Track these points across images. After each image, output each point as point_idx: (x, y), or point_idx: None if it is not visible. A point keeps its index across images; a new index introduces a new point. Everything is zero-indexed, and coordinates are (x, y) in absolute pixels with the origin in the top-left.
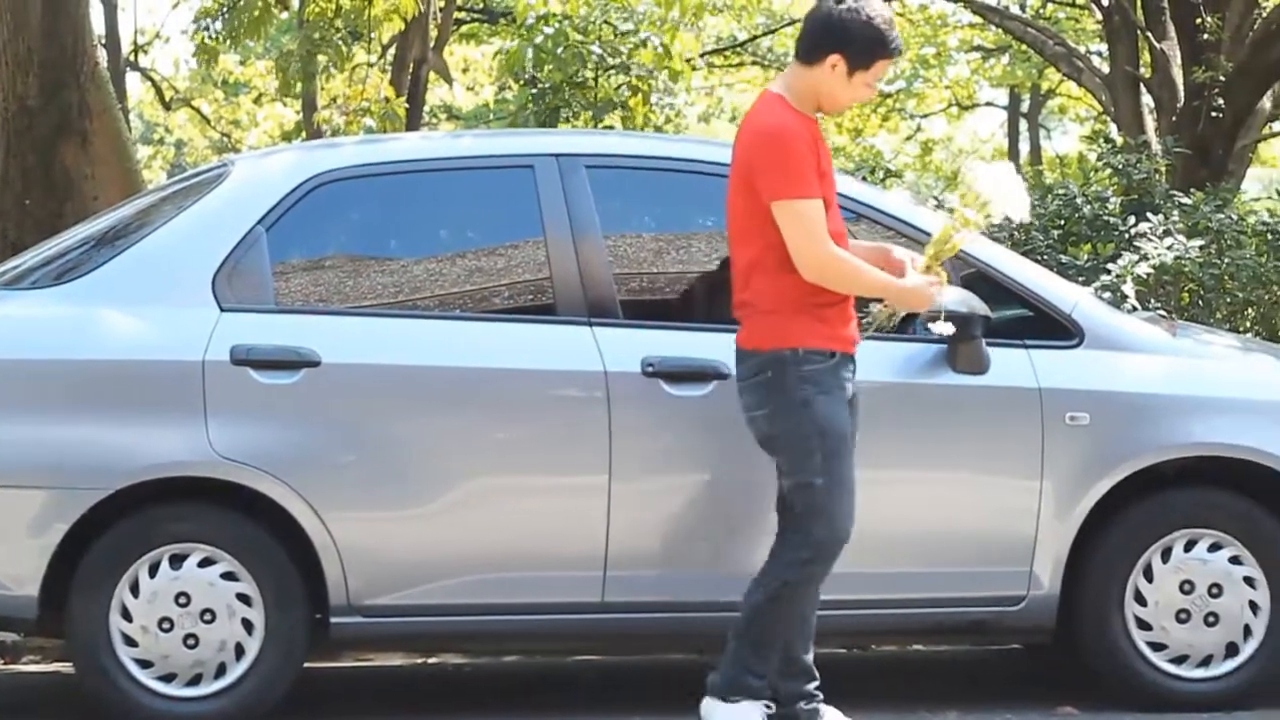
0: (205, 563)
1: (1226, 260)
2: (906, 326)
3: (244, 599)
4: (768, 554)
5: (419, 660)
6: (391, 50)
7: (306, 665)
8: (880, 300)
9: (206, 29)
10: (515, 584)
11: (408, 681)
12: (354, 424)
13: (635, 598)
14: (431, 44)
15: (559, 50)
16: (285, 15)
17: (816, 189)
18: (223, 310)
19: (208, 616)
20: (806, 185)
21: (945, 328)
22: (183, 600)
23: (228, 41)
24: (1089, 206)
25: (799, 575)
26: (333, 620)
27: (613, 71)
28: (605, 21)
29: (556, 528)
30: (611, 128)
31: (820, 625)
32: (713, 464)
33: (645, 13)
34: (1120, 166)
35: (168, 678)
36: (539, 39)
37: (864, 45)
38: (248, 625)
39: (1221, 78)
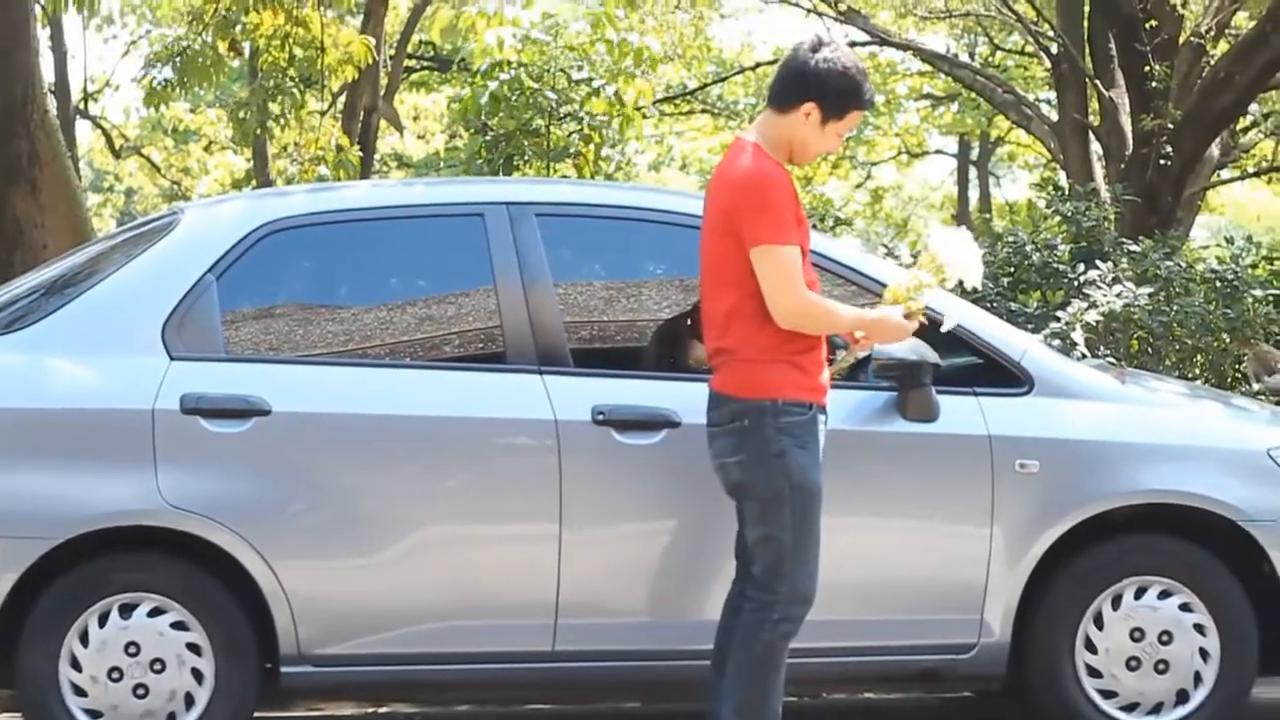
0: (155, 612)
1: (1175, 307)
2: (858, 374)
3: (194, 648)
4: (727, 610)
5: (369, 709)
6: (342, 98)
7: (257, 715)
8: (842, 348)
9: (155, 74)
10: (466, 633)
11: None
12: (304, 473)
13: (586, 646)
14: (382, 92)
15: (513, 97)
16: (237, 63)
17: (796, 236)
18: (172, 359)
19: (157, 666)
20: (788, 232)
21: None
22: (132, 650)
23: (178, 89)
24: (1038, 254)
25: (774, 634)
26: (283, 669)
27: (565, 120)
28: (560, 69)
29: (507, 576)
30: (564, 176)
31: None
32: (663, 512)
33: (598, 60)
34: (1069, 214)
35: None
36: (494, 85)
37: (838, 95)
38: (198, 675)
39: (1170, 126)
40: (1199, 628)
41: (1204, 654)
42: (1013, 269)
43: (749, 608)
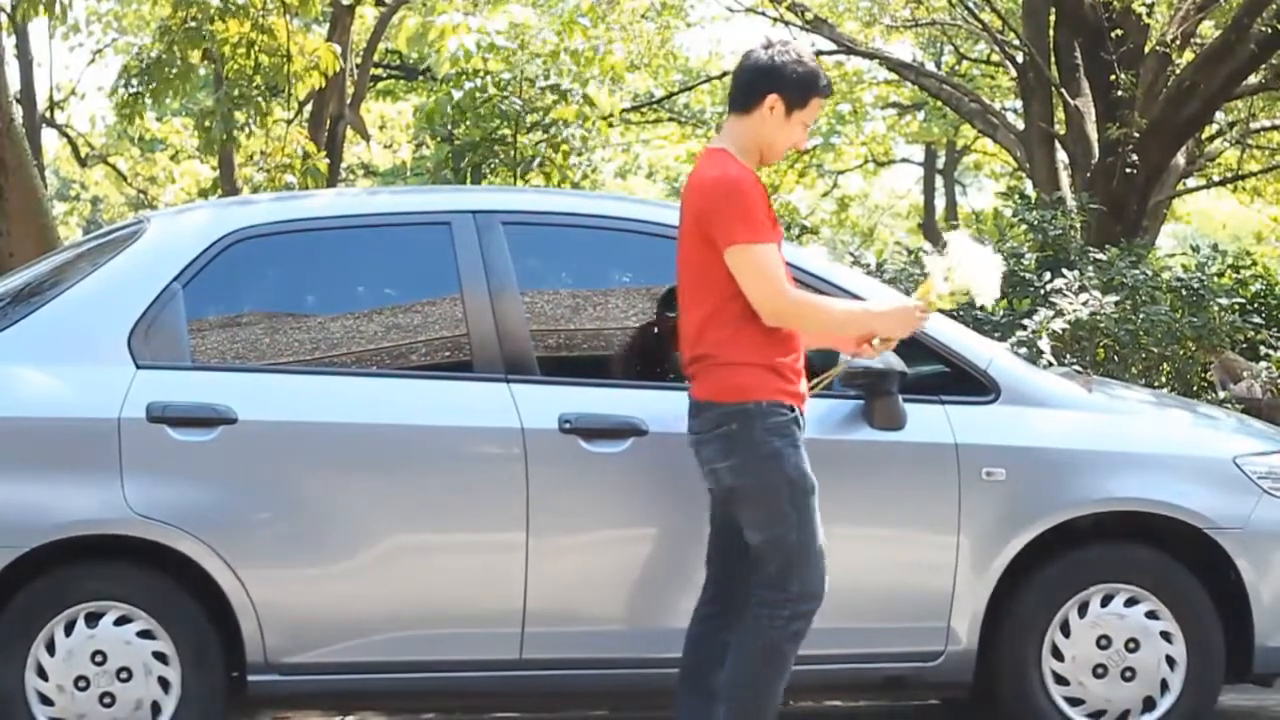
0: (121, 621)
1: (1141, 316)
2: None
3: (160, 657)
4: (697, 619)
5: (336, 718)
6: (308, 107)
7: None
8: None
9: (129, 86)
10: (433, 641)
11: None
12: (271, 481)
13: (553, 654)
14: (348, 101)
15: (480, 106)
16: (203, 71)
17: (770, 234)
18: (139, 367)
19: (124, 675)
20: (761, 231)
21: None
22: (99, 659)
23: (150, 100)
24: (1005, 262)
25: (784, 634)
26: (250, 678)
27: (532, 129)
28: (525, 79)
29: (474, 584)
30: (531, 185)
31: None
32: (630, 520)
33: (565, 69)
34: (1036, 223)
35: None
36: (459, 93)
37: (798, 83)
38: (164, 684)
39: (1135, 134)
40: (1165, 635)
41: (1170, 661)
42: None
43: (759, 612)
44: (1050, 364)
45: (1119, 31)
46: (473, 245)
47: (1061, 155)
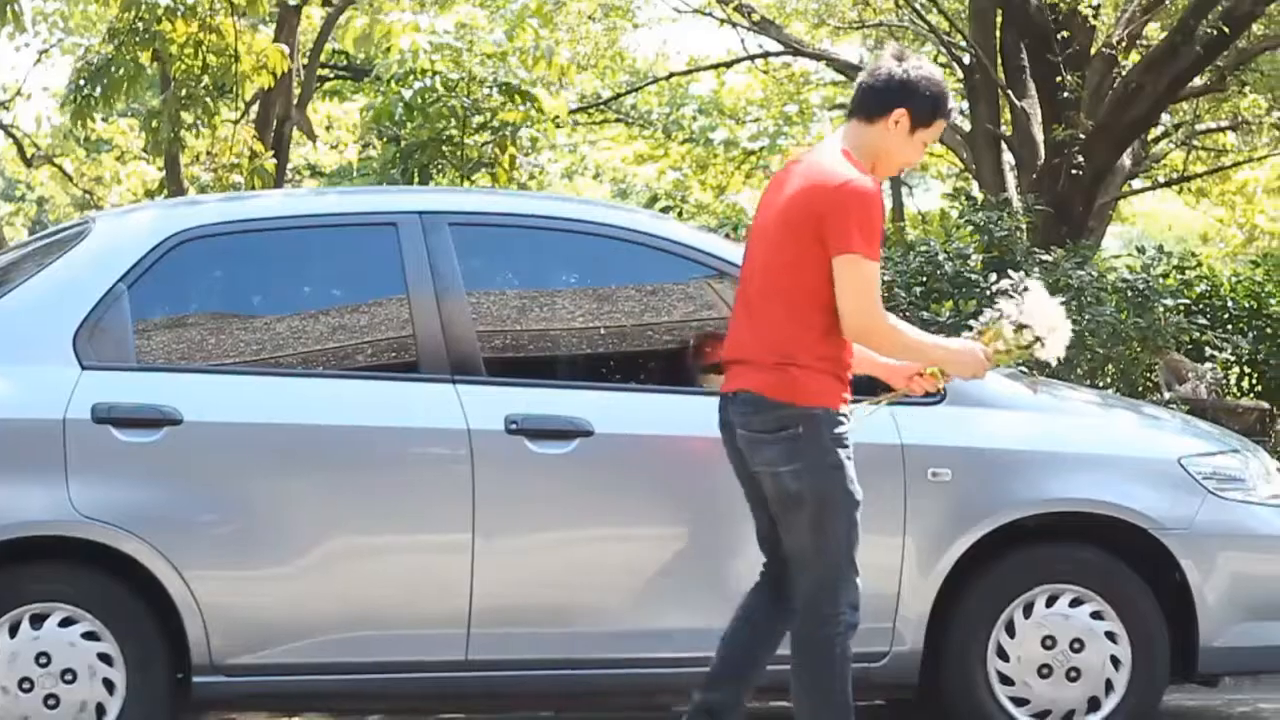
0: (66, 622)
1: (1087, 317)
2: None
3: (105, 659)
4: (750, 619)
5: (282, 719)
6: (255, 107)
7: None
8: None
9: (80, 89)
10: (379, 642)
11: None
12: (216, 482)
13: (499, 656)
14: (295, 101)
15: (428, 106)
16: (150, 71)
17: (880, 254)
18: (84, 368)
19: (69, 677)
20: (877, 247)
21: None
22: (43, 660)
23: (100, 102)
24: (951, 263)
25: (840, 631)
26: (195, 679)
27: (479, 129)
28: (473, 79)
29: (420, 585)
30: (478, 185)
31: (686, 680)
32: (576, 521)
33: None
34: (982, 224)
35: None
36: (408, 93)
37: (928, 102)
38: (109, 685)
39: (1081, 136)
40: (1110, 635)
41: (1115, 661)
42: (925, 278)
43: (809, 618)
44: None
45: (1065, 33)
46: (419, 246)
47: (1008, 157)
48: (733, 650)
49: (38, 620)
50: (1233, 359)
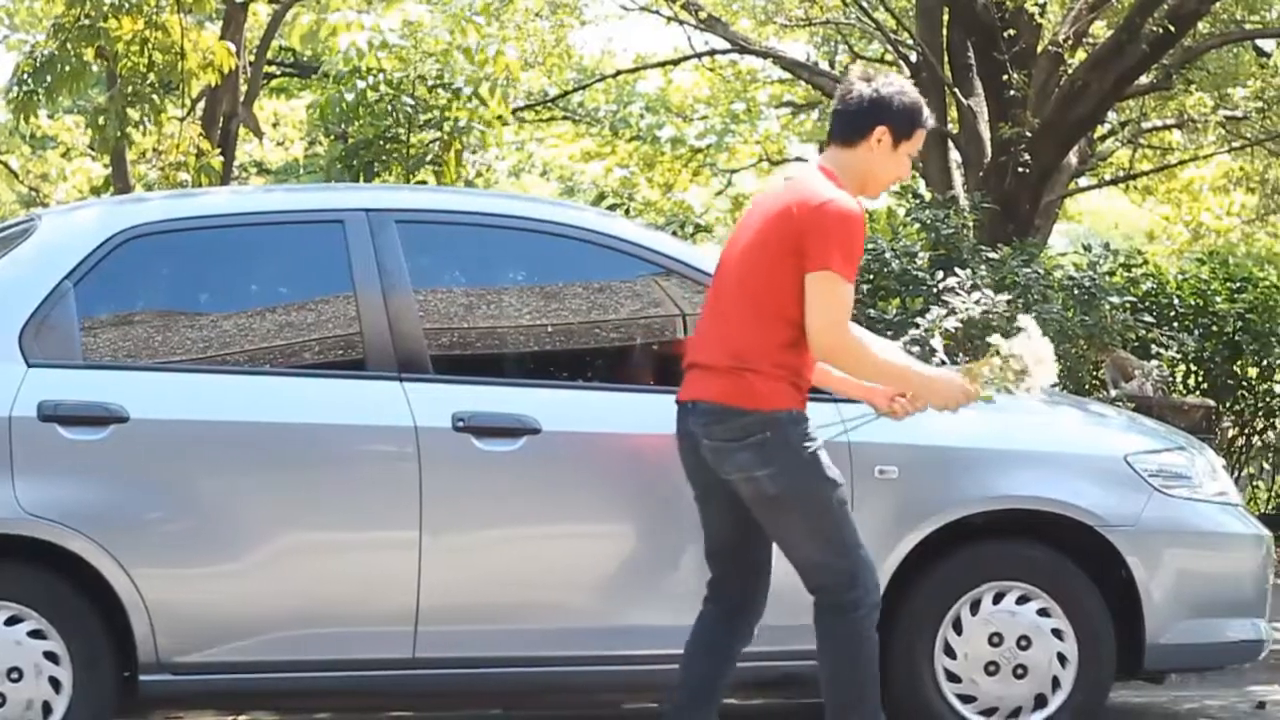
0: (12, 621)
1: (1034, 314)
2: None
3: (51, 657)
4: (706, 628)
5: (228, 718)
6: (201, 104)
7: None
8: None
9: (23, 85)
10: (326, 640)
11: None
12: (163, 480)
13: (446, 653)
14: (242, 98)
15: (374, 104)
16: (96, 69)
17: (855, 276)
18: (30, 366)
19: (14, 675)
20: (853, 269)
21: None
22: None
23: (45, 99)
24: (898, 261)
25: (865, 614)
26: (142, 678)
27: (426, 127)
28: (419, 76)
29: (367, 583)
30: (424, 183)
31: (634, 679)
32: (524, 519)
33: (459, 68)
34: (928, 222)
35: None
36: (353, 91)
37: (905, 114)
38: (55, 684)
39: (1028, 134)
40: (1057, 632)
41: (1062, 659)
42: (872, 276)
43: (832, 611)
44: (943, 362)
45: (1012, 31)
46: (366, 243)
47: (955, 154)
48: (696, 678)
49: None
50: (1179, 357)
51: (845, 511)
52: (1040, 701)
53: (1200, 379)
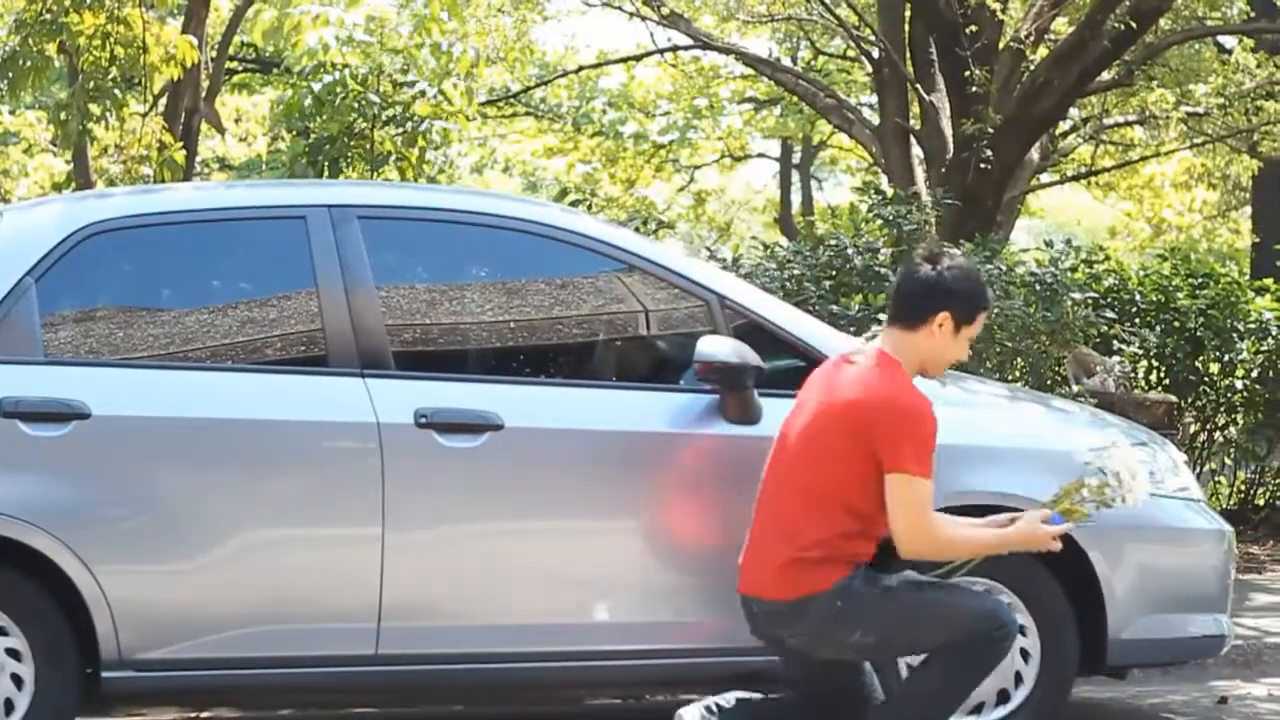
0: None
1: (995, 310)
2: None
3: (13, 654)
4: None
5: (192, 715)
6: (163, 100)
7: None
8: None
9: None
10: (289, 637)
11: None
12: (125, 477)
13: (409, 650)
14: (203, 94)
15: (337, 100)
16: (58, 64)
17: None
18: None
19: None
20: (929, 464)
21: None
22: None
23: (5, 94)
24: (860, 257)
25: (1008, 638)
26: (104, 675)
27: (389, 123)
28: (383, 72)
29: (330, 580)
30: (388, 179)
31: (593, 676)
32: (486, 514)
33: (423, 64)
34: (891, 218)
35: None
36: (318, 87)
37: (968, 299)
38: (17, 680)
39: (990, 130)
40: (1020, 628)
41: (1025, 654)
42: (835, 272)
43: (977, 645)
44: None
45: (974, 27)
46: (328, 239)
47: (917, 150)
48: None
49: None
50: (1140, 353)
51: (940, 598)
52: (1003, 697)
53: (1162, 375)
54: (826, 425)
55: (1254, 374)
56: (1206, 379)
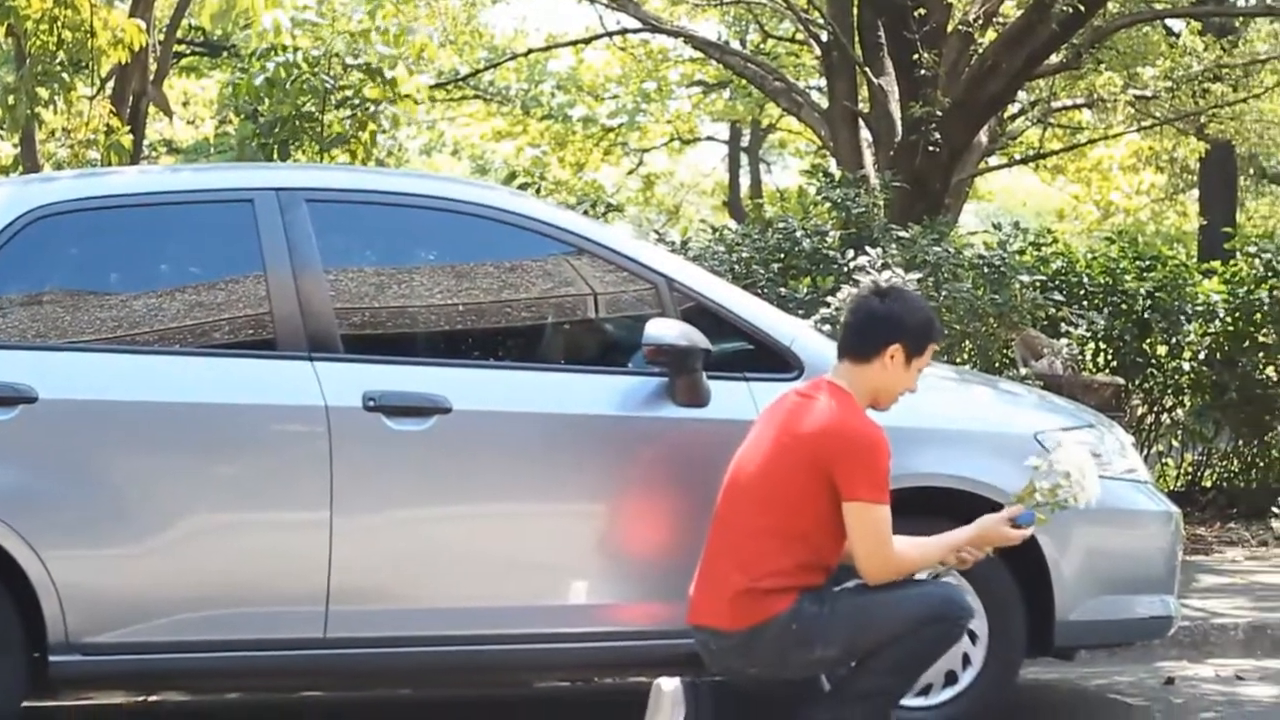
0: None
1: (944, 293)
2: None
3: None
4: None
5: (140, 699)
6: (111, 83)
7: (25, 705)
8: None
9: None
10: (237, 620)
11: None
12: (73, 460)
13: (358, 633)
14: (151, 77)
15: (288, 82)
16: (5, 47)
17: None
18: None
19: None
20: (886, 492)
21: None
22: None
23: None
24: (808, 240)
25: (964, 625)
26: (51, 659)
27: (340, 107)
28: (334, 55)
29: (278, 563)
30: (337, 162)
31: (541, 659)
32: (435, 498)
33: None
34: (839, 200)
35: None
36: (269, 68)
37: (919, 331)
38: None
39: (938, 113)
40: None
41: (972, 636)
42: (783, 255)
43: (933, 627)
44: None
45: (922, 11)
46: (276, 222)
47: (865, 134)
48: None
49: None
50: (1088, 335)
51: (885, 593)
52: (950, 679)
53: (1110, 357)
54: (782, 458)
55: (1201, 356)
56: (1154, 361)
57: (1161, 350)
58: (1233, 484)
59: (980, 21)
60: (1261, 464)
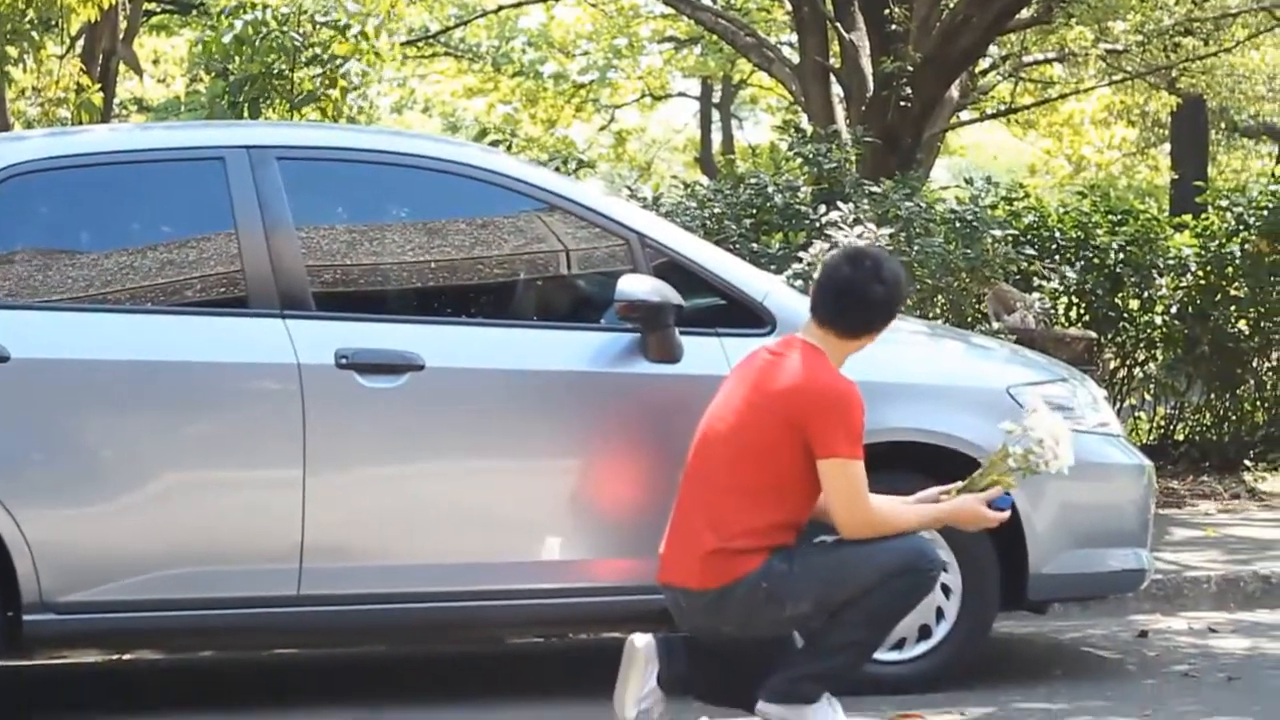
0: None
1: (916, 248)
2: None
3: None
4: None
5: (114, 657)
6: (81, 42)
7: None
8: None
9: None
10: (210, 579)
11: (103, 678)
12: (44, 420)
13: (331, 590)
14: (121, 35)
15: (258, 40)
16: None
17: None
18: None
19: None
20: (860, 447)
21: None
22: None
23: None
24: (780, 196)
25: (935, 576)
26: (25, 618)
27: (310, 64)
28: (303, 12)
29: (251, 521)
30: (308, 120)
31: (515, 615)
32: (407, 455)
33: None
34: (811, 156)
35: None
36: (238, 26)
37: (890, 314)
38: None
39: (910, 68)
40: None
41: (945, 590)
42: (755, 211)
43: (903, 578)
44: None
45: None
46: (247, 180)
47: (837, 89)
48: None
49: None
50: (1060, 289)
51: (854, 548)
52: (924, 632)
53: (1082, 311)
54: (755, 416)
55: (1173, 310)
56: (1126, 315)
57: (1133, 304)
58: (1205, 437)
59: None
60: (1233, 417)
